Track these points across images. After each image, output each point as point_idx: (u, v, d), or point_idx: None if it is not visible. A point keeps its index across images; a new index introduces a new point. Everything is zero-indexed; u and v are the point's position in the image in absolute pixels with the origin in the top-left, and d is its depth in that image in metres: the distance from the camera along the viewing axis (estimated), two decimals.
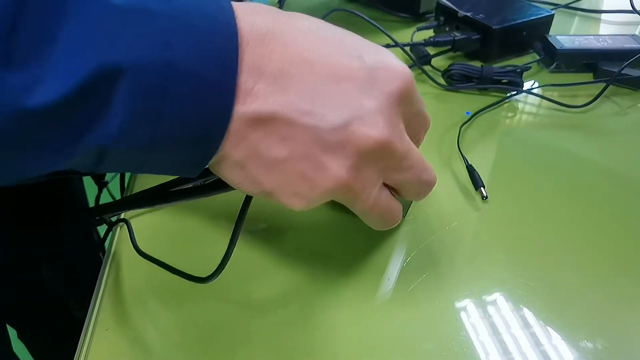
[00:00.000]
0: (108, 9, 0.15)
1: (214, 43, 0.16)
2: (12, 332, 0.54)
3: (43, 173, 0.16)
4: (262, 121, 0.18)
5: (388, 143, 0.20)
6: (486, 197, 0.34)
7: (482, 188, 0.34)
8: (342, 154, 0.19)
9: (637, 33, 0.60)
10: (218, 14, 0.17)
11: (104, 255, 0.34)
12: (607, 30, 0.63)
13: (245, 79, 0.17)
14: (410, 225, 0.33)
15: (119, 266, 0.31)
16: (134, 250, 0.30)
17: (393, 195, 0.24)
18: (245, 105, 0.18)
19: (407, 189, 0.23)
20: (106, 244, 0.36)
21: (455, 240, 0.32)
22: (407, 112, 0.21)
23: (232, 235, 0.23)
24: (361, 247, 0.32)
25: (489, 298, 0.28)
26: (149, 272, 0.30)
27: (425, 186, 0.24)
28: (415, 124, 0.23)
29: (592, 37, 0.54)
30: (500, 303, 0.28)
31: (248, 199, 0.23)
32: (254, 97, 0.18)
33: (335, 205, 0.28)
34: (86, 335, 0.27)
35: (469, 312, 0.28)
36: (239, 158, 0.19)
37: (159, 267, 0.28)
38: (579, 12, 0.66)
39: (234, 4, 0.18)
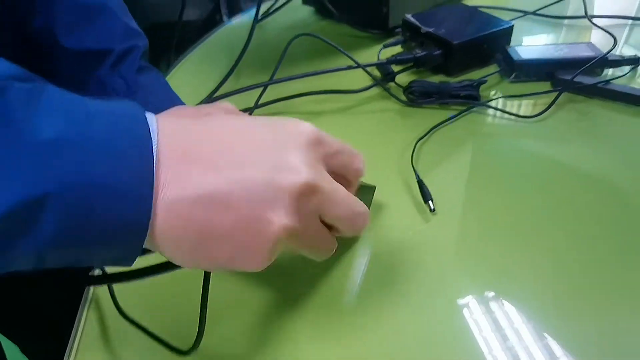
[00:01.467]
0: (36, 144, 0.17)
1: (130, 166, 0.19)
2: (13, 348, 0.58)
3: None
4: (199, 199, 0.20)
5: (313, 183, 0.22)
6: (433, 210, 0.37)
7: (430, 201, 0.37)
8: (278, 204, 0.21)
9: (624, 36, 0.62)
10: (133, 141, 0.20)
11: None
12: (575, 35, 0.65)
13: (164, 175, 0.20)
14: (366, 239, 0.36)
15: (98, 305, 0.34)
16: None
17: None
18: (174, 192, 0.20)
19: (342, 223, 0.25)
20: None
21: (406, 251, 0.35)
22: (326, 154, 0.24)
23: (201, 304, 0.26)
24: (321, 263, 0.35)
25: (435, 304, 0.31)
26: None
27: (359, 217, 0.26)
28: (339, 162, 0.25)
29: (551, 46, 0.56)
30: (444, 310, 0.31)
31: (207, 276, 0.26)
32: (182, 182, 0.20)
33: None
34: None
35: (417, 321, 0.31)
36: (187, 238, 0.21)
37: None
38: (546, 19, 0.68)
39: (158, 123, 0.21)
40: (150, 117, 0.21)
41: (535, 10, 0.69)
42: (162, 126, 0.21)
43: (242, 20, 0.81)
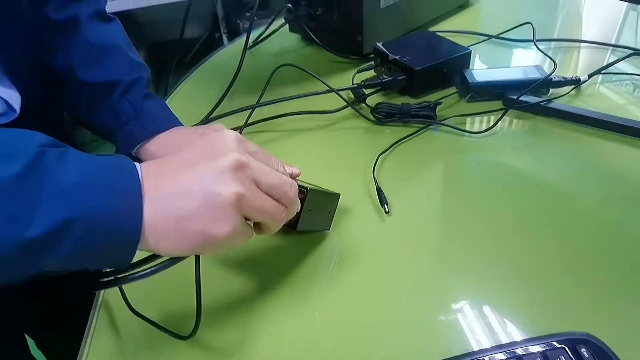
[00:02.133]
0: (63, 187, 0.26)
1: (124, 195, 0.28)
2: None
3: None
4: (168, 195, 0.29)
5: (243, 159, 0.30)
6: (388, 212, 0.45)
7: (385, 205, 0.45)
8: (222, 179, 0.29)
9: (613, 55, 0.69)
10: (127, 176, 0.28)
11: None
12: (533, 58, 0.73)
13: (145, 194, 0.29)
14: (333, 236, 0.44)
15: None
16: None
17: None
18: (152, 195, 0.29)
19: (276, 190, 0.32)
20: None
21: (365, 246, 0.43)
22: (248, 150, 0.32)
23: (196, 295, 0.33)
24: (295, 256, 0.42)
25: (389, 291, 0.39)
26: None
27: (286, 185, 0.33)
28: (260, 158, 0.33)
29: (504, 68, 0.64)
30: (399, 297, 0.39)
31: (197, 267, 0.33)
32: (156, 189, 0.29)
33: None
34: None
35: (376, 305, 0.38)
36: (169, 224, 0.28)
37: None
38: (511, 42, 0.76)
39: (142, 172, 0.29)
40: (136, 163, 0.30)
41: (498, 34, 0.77)
42: (143, 166, 0.30)
43: (239, 43, 0.89)
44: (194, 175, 0.29)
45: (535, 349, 0.32)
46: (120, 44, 0.52)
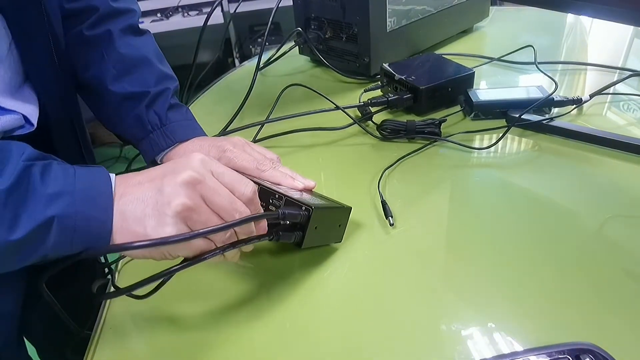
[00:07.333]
0: (47, 195, 0.31)
1: (97, 205, 0.33)
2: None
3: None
4: (132, 200, 0.34)
5: (196, 177, 0.34)
6: (392, 225, 0.46)
7: (390, 217, 0.46)
8: (175, 189, 0.33)
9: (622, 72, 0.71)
10: (100, 184, 0.34)
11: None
12: (536, 78, 0.74)
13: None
14: (342, 246, 0.45)
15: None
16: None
17: None
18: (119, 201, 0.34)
19: (223, 213, 0.35)
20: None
21: (372, 256, 0.44)
22: (215, 171, 0.36)
23: None
24: (302, 265, 0.44)
25: (395, 298, 0.40)
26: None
27: (237, 212, 0.36)
28: (227, 181, 0.36)
29: (507, 88, 0.66)
30: (405, 302, 0.39)
31: None
32: (123, 197, 0.34)
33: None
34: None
35: (384, 311, 0.39)
36: (127, 224, 0.33)
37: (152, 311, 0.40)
38: (511, 65, 0.78)
39: (115, 184, 0.34)
40: (112, 175, 0.35)
41: (500, 57, 0.79)
42: (117, 178, 0.35)
43: (250, 65, 0.93)
44: (152, 186, 0.34)
45: (537, 359, 0.33)
46: (150, 57, 0.54)
